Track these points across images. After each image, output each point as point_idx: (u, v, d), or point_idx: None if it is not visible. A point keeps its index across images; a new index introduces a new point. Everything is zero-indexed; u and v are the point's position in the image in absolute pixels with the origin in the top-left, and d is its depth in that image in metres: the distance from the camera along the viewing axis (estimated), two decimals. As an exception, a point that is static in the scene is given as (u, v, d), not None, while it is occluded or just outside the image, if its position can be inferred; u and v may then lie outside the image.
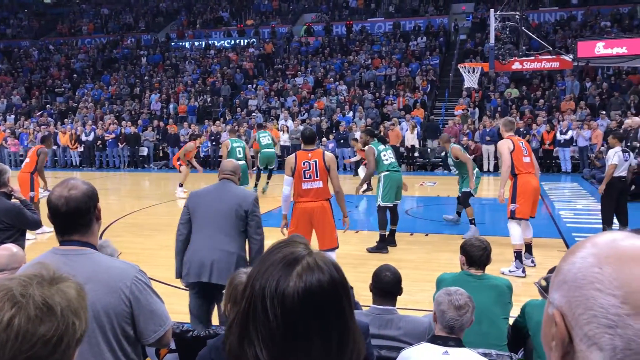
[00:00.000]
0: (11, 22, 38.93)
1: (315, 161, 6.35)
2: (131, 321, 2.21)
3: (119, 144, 22.71)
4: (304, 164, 6.34)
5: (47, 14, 39.41)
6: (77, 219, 2.24)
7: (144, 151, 22.93)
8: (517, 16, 12.08)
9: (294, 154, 6.59)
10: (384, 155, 8.88)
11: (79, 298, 1.21)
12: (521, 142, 7.70)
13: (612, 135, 9.55)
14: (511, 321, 4.13)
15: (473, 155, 19.29)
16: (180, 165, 14.82)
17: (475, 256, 4.12)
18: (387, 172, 8.81)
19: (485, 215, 13.03)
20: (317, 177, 6.33)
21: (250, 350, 1.02)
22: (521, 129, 18.83)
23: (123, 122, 23.78)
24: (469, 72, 12.53)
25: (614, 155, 8.80)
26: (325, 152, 6.62)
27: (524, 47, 12.12)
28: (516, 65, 11.91)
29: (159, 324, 2.28)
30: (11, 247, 3.70)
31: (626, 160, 8.84)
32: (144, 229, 10.97)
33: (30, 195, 10.02)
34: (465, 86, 17.14)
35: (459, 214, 10.46)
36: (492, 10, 12.06)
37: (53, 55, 33.54)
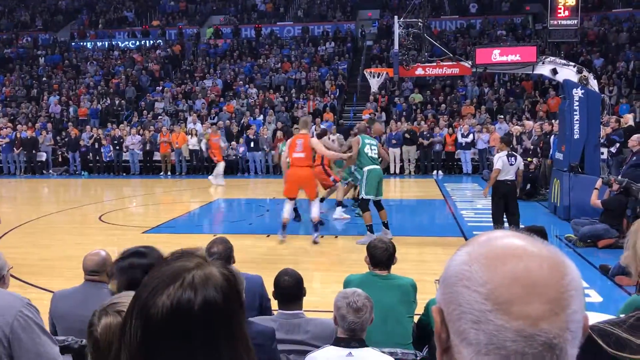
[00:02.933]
0: None
1: None
2: None
3: (14, 148, 21.36)
4: None
5: None
6: None
7: (42, 156, 21.70)
8: (419, 23, 12.47)
9: None
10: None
11: None
12: (299, 140, 9.45)
13: (500, 140, 9.94)
14: (416, 319, 4.26)
15: (380, 158, 19.78)
16: None
17: (378, 257, 4.21)
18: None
19: (395, 216, 13.38)
20: None
21: None
22: (425, 132, 19.57)
23: (19, 126, 22.38)
24: (374, 77, 12.81)
25: (498, 160, 9.11)
26: None
27: (426, 54, 12.56)
28: (419, 71, 12.29)
29: None
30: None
31: (512, 165, 9.05)
32: (42, 239, 10.39)
33: None
34: (372, 91, 17.55)
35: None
36: (396, 17, 12.40)
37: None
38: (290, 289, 3.59)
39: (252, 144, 20.14)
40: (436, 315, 0.85)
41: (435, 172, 19.48)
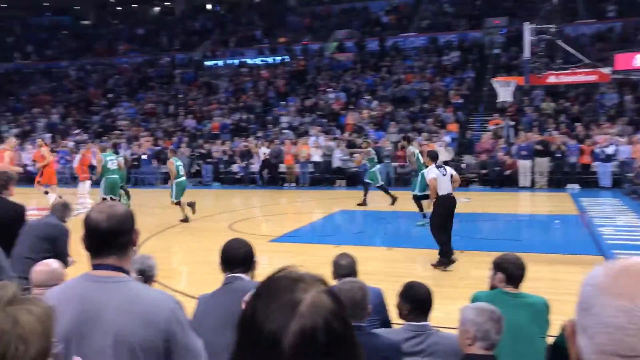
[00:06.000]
0: (52, 44, 40.06)
1: None
2: (165, 358, 2.05)
3: (153, 161, 23.04)
4: None
5: (85, 34, 40.41)
6: (116, 238, 2.08)
7: (178, 168, 23.14)
8: (552, 29, 11.85)
9: None
10: None
11: (34, 323, 1.13)
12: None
13: (427, 154, 9.49)
14: (549, 340, 3.98)
15: (509, 171, 18.93)
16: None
17: (516, 275, 4.03)
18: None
19: (525, 232, 12.81)
20: None
21: None
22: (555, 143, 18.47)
23: (158, 140, 24.14)
24: (502, 86, 12.32)
25: (430, 172, 8.73)
26: None
27: (559, 61, 11.88)
28: (551, 79, 11.65)
29: None
30: (51, 263, 3.63)
31: (444, 175, 8.63)
32: (176, 245, 11.04)
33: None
34: (499, 100, 16.90)
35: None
36: (526, 24, 11.86)
37: (90, 75, 34.44)
38: (426, 301, 3.56)
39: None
40: (569, 327, 0.92)
41: (570, 185, 18.27)
